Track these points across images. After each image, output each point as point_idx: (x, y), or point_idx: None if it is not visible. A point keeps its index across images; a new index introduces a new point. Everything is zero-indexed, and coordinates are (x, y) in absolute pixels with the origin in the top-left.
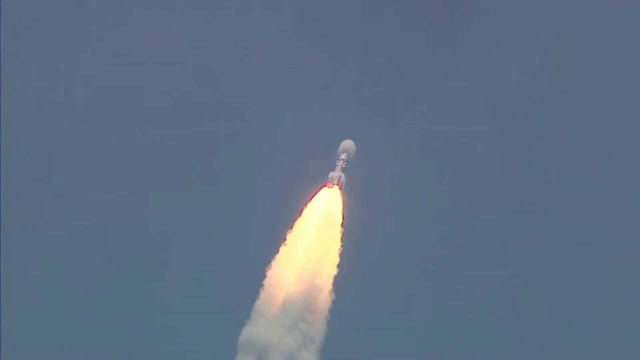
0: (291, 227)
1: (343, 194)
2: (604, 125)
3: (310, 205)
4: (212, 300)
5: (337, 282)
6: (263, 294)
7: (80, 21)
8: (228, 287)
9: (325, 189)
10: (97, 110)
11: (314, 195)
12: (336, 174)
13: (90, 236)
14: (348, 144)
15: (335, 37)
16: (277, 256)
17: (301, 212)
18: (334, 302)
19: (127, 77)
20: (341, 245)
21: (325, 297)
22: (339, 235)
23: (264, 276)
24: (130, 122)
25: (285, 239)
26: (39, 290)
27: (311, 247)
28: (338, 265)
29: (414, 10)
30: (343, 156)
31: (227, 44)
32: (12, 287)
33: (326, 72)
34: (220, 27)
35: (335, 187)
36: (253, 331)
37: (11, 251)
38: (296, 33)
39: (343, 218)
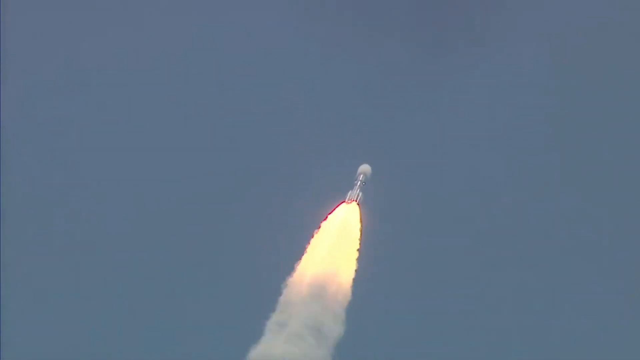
0: (314, 234)
1: (361, 209)
2: (605, 124)
3: (331, 216)
4: (235, 303)
5: (355, 283)
6: (291, 281)
7: (81, 21)
8: (261, 273)
9: (344, 204)
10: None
11: (334, 209)
12: (354, 192)
13: (98, 237)
14: (365, 167)
15: (358, 77)
16: (302, 258)
17: (323, 221)
18: (350, 300)
19: (140, 86)
20: (358, 251)
21: (343, 295)
22: (357, 242)
23: (291, 271)
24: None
25: (309, 243)
26: (39, 290)
27: (331, 250)
28: (355, 269)
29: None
30: (361, 177)
31: (253, 68)
32: (12, 287)
33: (344, 103)
34: (245, 52)
35: (354, 203)
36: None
37: (11, 251)
38: (322, 64)
39: (361, 229)
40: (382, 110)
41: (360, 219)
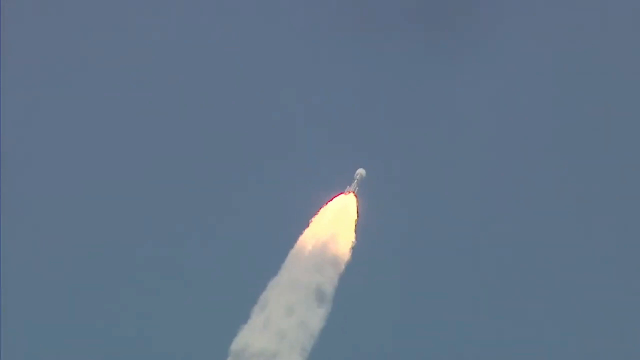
0: (316, 213)
1: (357, 199)
2: (605, 123)
3: (331, 202)
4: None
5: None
6: (297, 245)
7: (80, 20)
8: (266, 244)
9: (342, 195)
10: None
11: (334, 197)
12: (352, 187)
13: (100, 236)
14: (361, 170)
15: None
16: (304, 232)
17: (323, 205)
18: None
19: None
20: (355, 230)
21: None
22: (354, 222)
23: (299, 235)
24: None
25: (311, 220)
26: (39, 290)
27: (332, 221)
28: (352, 244)
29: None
30: (358, 176)
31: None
32: (12, 287)
33: (349, 107)
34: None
35: (351, 194)
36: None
37: (11, 251)
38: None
39: (357, 214)
40: (383, 113)
41: (357, 206)
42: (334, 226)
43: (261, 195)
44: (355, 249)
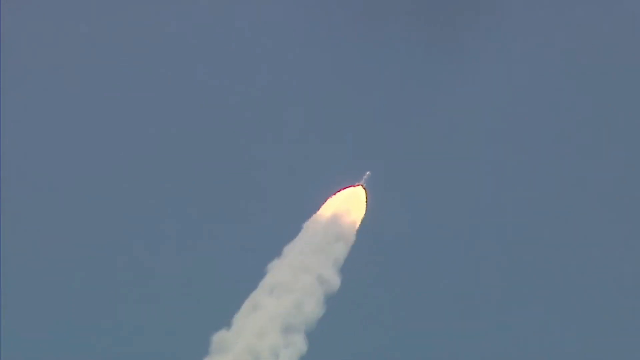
0: (328, 198)
1: (366, 191)
2: (608, 123)
3: (340, 191)
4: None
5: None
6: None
7: (80, 19)
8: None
9: (351, 187)
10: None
11: (342, 189)
12: (361, 182)
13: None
14: (368, 172)
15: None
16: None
17: (334, 194)
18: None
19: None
20: (364, 215)
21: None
22: (363, 206)
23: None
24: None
25: (324, 203)
26: (39, 290)
27: (343, 201)
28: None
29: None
30: (365, 176)
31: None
32: (12, 287)
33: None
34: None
35: (360, 186)
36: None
37: (11, 251)
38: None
39: (366, 202)
40: (389, 114)
41: (366, 197)
42: (346, 202)
43: (268, 195)
44: (361, 231)
